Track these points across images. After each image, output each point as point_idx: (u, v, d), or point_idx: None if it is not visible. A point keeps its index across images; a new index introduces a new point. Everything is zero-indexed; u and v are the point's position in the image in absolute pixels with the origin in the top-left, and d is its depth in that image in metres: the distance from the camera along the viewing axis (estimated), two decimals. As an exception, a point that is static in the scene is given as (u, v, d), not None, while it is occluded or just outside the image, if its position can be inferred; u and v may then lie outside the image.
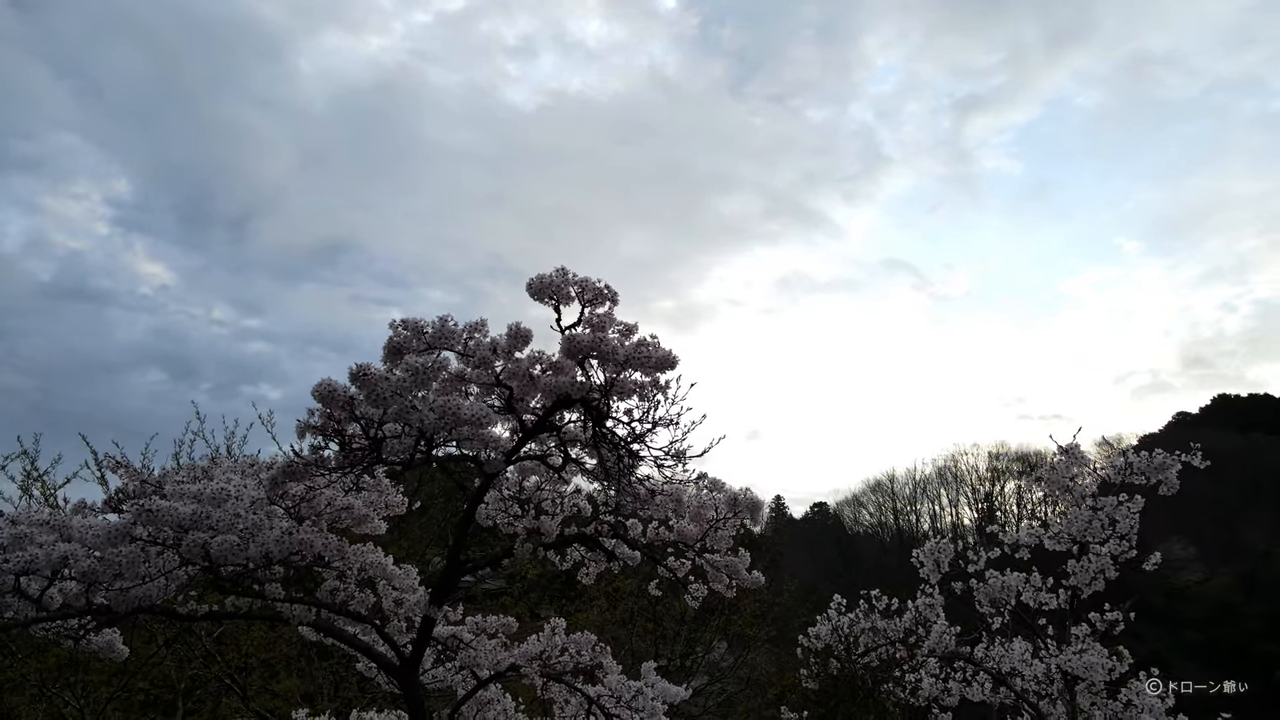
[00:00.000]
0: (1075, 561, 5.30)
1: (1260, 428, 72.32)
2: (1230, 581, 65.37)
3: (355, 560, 4.09)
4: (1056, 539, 5.30)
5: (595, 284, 3.53)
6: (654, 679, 6.16)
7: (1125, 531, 5.22)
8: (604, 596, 13.74)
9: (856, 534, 75.09)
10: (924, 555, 5.45)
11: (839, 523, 75.79)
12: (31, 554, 3.70)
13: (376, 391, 3.14)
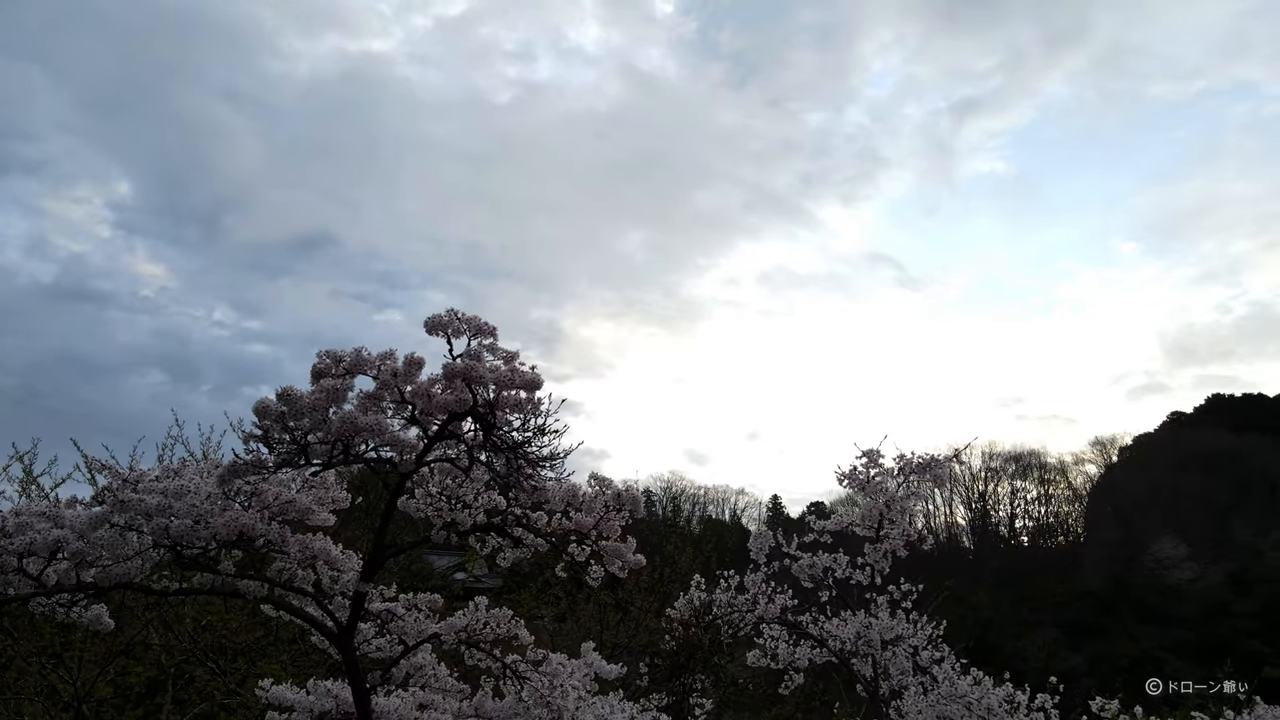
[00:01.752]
0: (871, 546, 6.23)
1: (1253, 427, 73.09)
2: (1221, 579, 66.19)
3: (295, 544, 4.98)
4: (862, 525, 6.23)
5: (477, 321, 4.44)
6: (592, 657, 7.11)
7: (906, 523, 6.14)
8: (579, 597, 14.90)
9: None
10: (752, 543, 6.41)
11: (835, 522, 76.76)
12: (31, 538, 4.61)
13: (296, 408, 4.05)
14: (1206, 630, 57.92)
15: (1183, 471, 70.78)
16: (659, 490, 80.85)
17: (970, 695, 5.16)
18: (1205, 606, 61.77)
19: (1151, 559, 68.31)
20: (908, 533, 6.23)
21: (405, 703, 6.19)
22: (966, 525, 77.60)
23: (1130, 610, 62.54)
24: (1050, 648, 57.92)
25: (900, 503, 6.13)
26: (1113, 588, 65.32)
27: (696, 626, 7.05)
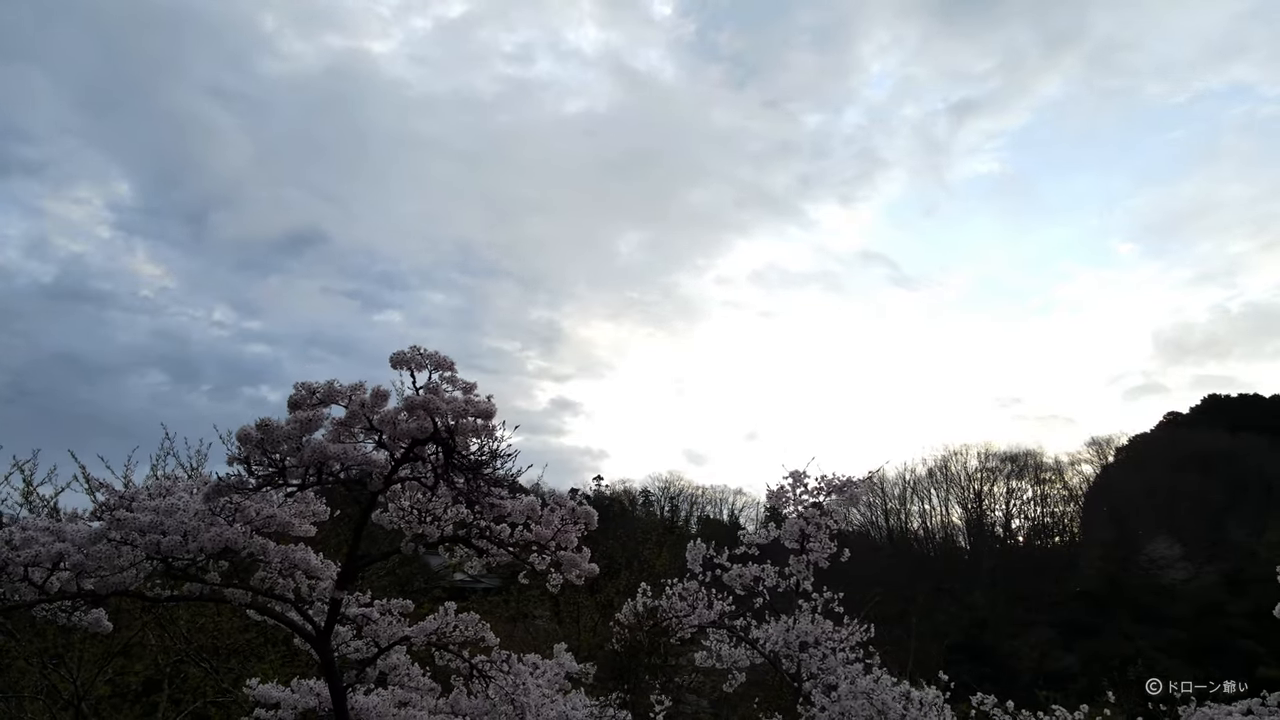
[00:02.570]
0: (794, 558, 6.73)
1: (1249, 428, 73.39)
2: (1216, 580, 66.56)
3: (275, 555, 5.49)
4: (786, 538, 6.75)
5: (437, 356, 4.95)
6: (565, 658, 7.63)
7: (821, 540, 6.67)
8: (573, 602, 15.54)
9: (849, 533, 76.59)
10: (689, 553, 6.93)
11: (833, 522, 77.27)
12: (36, 551, 5.11)
13: (273, 437, 4.55)
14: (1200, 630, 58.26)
15: (1178, 471, 71.11)
16: (657, 490, 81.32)
17: (871, 691, 5.70)
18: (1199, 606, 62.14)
19: (1146, 559, 68.67)
20: (827, 547, 6.74)
21: (384, 700, 6.71)
22: (962, 525, 77.91)
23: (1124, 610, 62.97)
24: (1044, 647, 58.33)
25: (819, 519, 6.66)
26: (1107, 587, 65.72)
27: (640, 630, 7.58)
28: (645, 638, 8.01)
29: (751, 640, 6.80)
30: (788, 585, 6.86)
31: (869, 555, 70.26)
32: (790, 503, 6.99)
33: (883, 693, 5.73)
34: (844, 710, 5.67)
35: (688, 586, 7.05)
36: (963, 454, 72.20)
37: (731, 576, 6.93)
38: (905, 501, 75.39)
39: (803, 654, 6.58)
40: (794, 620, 6.68)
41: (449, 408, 4.79)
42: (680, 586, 7.03)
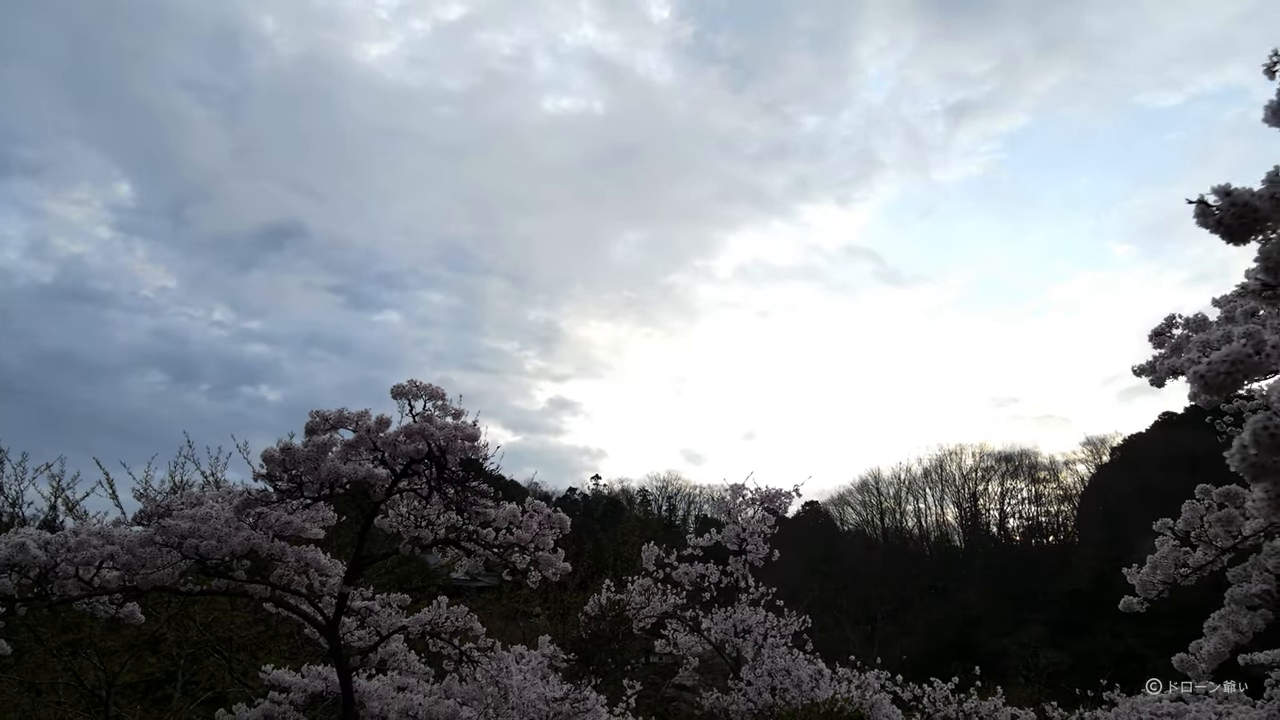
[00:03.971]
0: (734, 556, 7.66)
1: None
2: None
3: (292, 555, 6.40)
4: (726, 541, 7.68)
5: (431, 387, 5.87)
6: (549, 649, 8.55)
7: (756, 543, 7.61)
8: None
9: (846, 533, 77.25)
10: (644, 554, 7.87)
11: (830, 522, 78.08)
12: (90, 553, 6.02)
13: (293, 458, 5.47)
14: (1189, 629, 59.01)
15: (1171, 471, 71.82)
16: (655, 490, 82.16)
17: (789, 668, 6.65)
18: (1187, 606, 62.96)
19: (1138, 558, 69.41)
20: (761, 550, 7.68)
21: (385, 684, 7.63)
22: (957, 524, 78.57)
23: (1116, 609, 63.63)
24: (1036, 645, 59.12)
25: (754, 525, 7.62)
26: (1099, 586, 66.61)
27: (604, 620, 8.51)
28: (608, 627, 8.97)
29: (700, 629, 7.77)
30: (729, 581, 7.81)
31: (864, 554, 71.04)
32: (731, 511, 7.94)
33: (799, 669, 6.71)
34: (768, 685, 6.62)
35: (642, 583, 8.01)
36: (958, 454, 73.05)
37: (680, 574, 7.89)
38: (901, 501, 76.15)
39: (739, 639, 7.55)
40: (733, 610, 7.65)
41: (441, 433, 5.71)
42: (638, 583, 8.00)
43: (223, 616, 12.01)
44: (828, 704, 6.24)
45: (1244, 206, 2.04)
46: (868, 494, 74.81)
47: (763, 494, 7.90)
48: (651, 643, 8.35)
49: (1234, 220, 2.06)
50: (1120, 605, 5.64)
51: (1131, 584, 5.54)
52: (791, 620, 7.75)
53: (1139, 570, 5.46)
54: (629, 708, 8.19)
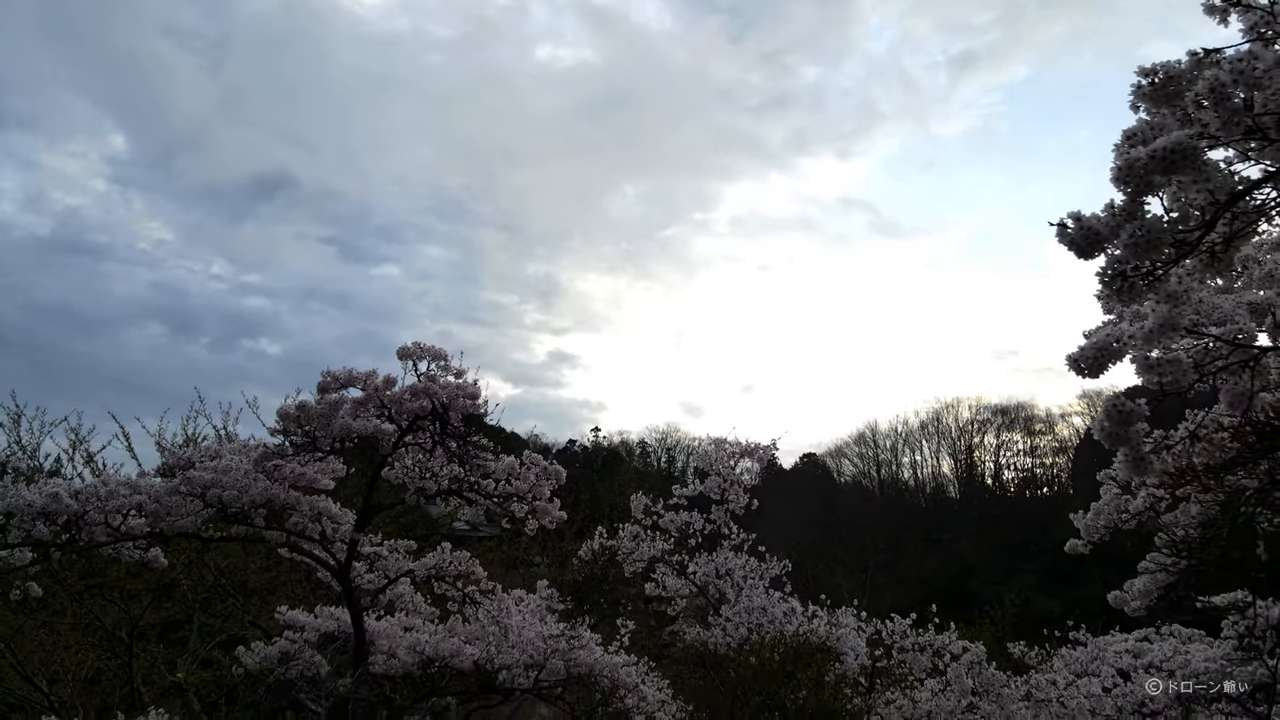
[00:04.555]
0: (717, 505, 8.19)
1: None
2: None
3: (306, 504, 6.90)
4: (709, 492, 8.20)
5: (434, 349, 6.31)
6: (546, 592, 9.07)
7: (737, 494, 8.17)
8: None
9: (843, 484, 78.19)
10: (633, 503, 8.40)
11: (827, 473, 78.98)
12: (119, 502, 6.51)
13: (307, 415, 5.94)
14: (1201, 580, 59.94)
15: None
16: (654, 442, 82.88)
17: (765, 606, 7.21)
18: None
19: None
20: (741, 500, 8.23)
21: (393, 624, 8.18)
22: (953, 476, 79.40)
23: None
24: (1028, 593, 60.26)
25: (733, 476, 8.16)
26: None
27: (597, 564, 9.07)
28: (601, 570, 9.52)
29: (686, 572, 8.34)
30: (712, 529, 8.37)
31: (861, 505, 71.97)
32: (715, 463, 8.48)
33: (774, 607, 7.28)
34: (745, 622, 7.19)
35: (631, 529, 8.57)
36: (955, 406, 73.46)
37: (667, 522, 8.45)
38: (898, 453, 76.81)
39: (721, 581, 8.11)
40: (715, 556, 8.22)
41: (445, 391, 6.17)
42: (628, 529, 8.56)
43: (236, 562, 12.57)
44: (795, 636, 6.80)
45: (1089, 229, 2.45)
46: (865, 446, 75.37)
47: (744, 448, 8.42)
48: (642, 586, 8.91)
49: (1082, 240, 2.47)
50: (1066, 548, 6.13)
51: (1078, 528, 6.02)
52: (771, 565, 8.31)
53: (1084, 515, 5.94)
54: (622, 646, 8.75)
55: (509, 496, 7.43)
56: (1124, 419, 3.27)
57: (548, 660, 7.92)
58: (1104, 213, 2.43)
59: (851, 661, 7.13)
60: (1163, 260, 2.40)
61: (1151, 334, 2.88)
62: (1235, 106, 2.13)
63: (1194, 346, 3.31)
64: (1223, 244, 2.37)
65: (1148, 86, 2.45)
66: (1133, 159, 2.26)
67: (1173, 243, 2.35)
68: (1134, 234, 2.37)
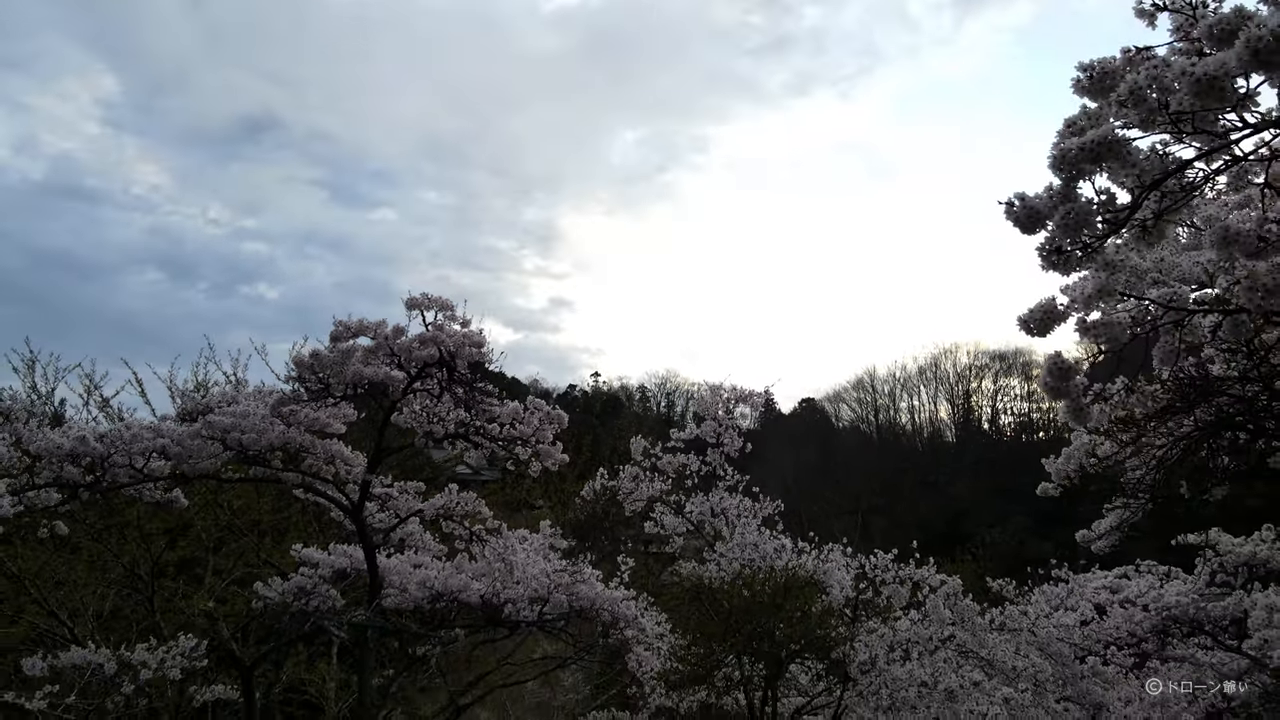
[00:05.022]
0: (712, 448, 8.57)
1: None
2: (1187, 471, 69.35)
3: (321, 447, 7.24)
4: (705, 435, 8.58)
5: (441, 299, 6.60)
6: (549, 532, 9.45)
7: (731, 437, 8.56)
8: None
9: (841, 429, 78.92)
10: (632, 445, 8.80)
11: (825, 419, 79.70)
12: (143, 444, 6.86)
13: (321, 364, 6.25)
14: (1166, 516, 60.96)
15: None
16: (654, 387, 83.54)
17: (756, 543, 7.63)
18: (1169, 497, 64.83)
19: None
20: (735, 443, 8.61)
21: (403, 562, 8.59)
22: (950, 421, 79.99)
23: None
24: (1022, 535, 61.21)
25: (728, 421, 8.53)
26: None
27: (598, 504, 9.48)
28: (602, 509, 9.94)
29: (683, 511, 8.76)
30: (708, 470, 8.77)
31: (858, 450, 72.73)
32: (711, 408, 8.87)
33: (765, 544, 7.70)
34: (738, 557, 7.63)
35: (631, 471, 8.98)
36: (953, 352, 73.85)
37: (665, 463, 8.86)
38: (895, 398, 77.35)
39: (716, 519, 8.54)
40: (709, 495, 8.63)
41: (451, 340, 6.47)
42: (628, 470, 8.97)
43: (249, 503, 13.01)
44: (784, 570, 7.21)
45: (1031, 209, 2.75)
46: (863, 391, 75.95)
47: (739, 394, 8.79)
48: (642, 526, 9.32)
49: (1025, 218, 2.77)
50: (1038, 490, 6.45)
51: (1050, 472, 6.35)
52: (764, 505, 8.71)
53: (1054, 460, 6.27)
54: (622, 582, 9.18)
55: (513, 440, 7.76)
56: (1063, 374, 3.62)
57: (551, 595, 8.34)
58: (1044, 194, 2.73)
59: (837, 594, 7.55)
60: (1097, 235, 2.70)
61: (1090, 299, 3.22)
62: (1151, 105, 2.42)
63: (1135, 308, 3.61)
64: (1154, 219, 2.66)
65: (1086, 80, 2.73)
66: (1065, 149, 2.56)
67: (1105, 219, 2.65)
68: (1065, 215, 2.69)
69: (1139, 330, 3.44)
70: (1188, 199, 2.68)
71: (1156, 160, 2.51)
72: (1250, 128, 2.52)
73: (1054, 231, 2.74)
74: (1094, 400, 4.16)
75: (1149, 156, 2.51)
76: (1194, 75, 2.29)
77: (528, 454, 7.82)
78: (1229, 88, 2.26)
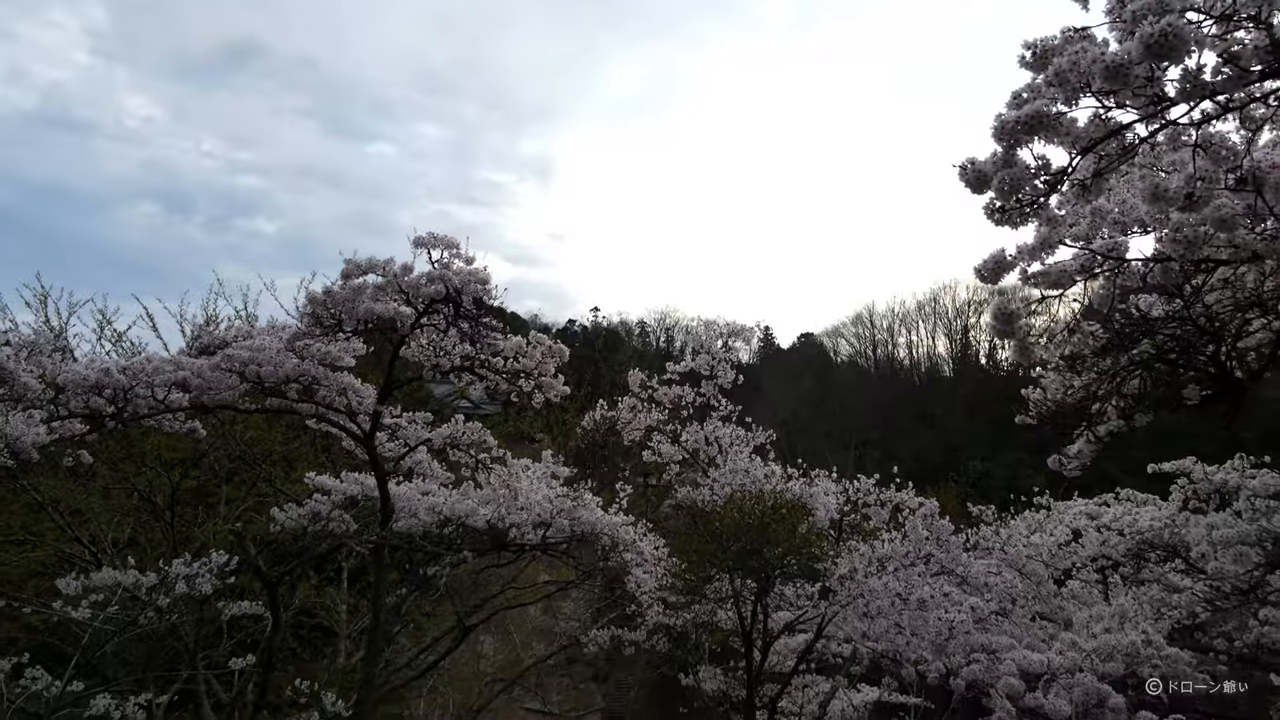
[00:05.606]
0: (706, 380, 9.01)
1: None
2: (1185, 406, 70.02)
3: (334, 380, 7.62)
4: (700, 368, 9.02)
5: (448, 238, 6.90)
6: (550, 462, 9.88)
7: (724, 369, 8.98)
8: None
9: (839, 364, 79.45)
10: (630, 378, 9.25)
11: (824, 353, 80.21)
12: (165, 376, 7.22)
13: (334, 300, 6.58)
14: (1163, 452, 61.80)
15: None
16: (653, 322, 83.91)
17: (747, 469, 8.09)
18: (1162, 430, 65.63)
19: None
20: (728, 375, 9.04)
21: (412, 489, 9.03)
22: (948, 355, 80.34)
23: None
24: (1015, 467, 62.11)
25: (721, 354, 8.95)
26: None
27: (598, 433, 9.93)
28: (602, 438, 10.41)
29: (679, 440, 9.22)
30: (703, 401, 9.20)
31: (856, 384, 73.31)
32: (706, 342, 9.29)
33: (756, 469, 8.16)
34: (729, 482, 8.10)
35: (629, 401, 9.42)
36: (952, 287, 74.02)
37: (661, 395, 9.29)
38: (894, 333, 77.68)
39: (710, 447, 9.01)
40: (703, 425, 9.08)
41: (458, 277, 6.79)
42: (626, 401, 9.41)
43: (260, 434, 13.46)
44: (773, 493, 7.65)
45: (980, 171, 3.09)
46: (861, 326, 76.29)
47: (732, 328, 9.18)
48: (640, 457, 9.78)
49: (974, 179, 3.10)
50: (1016, 420, 6.82)
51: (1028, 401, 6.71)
52: (756, 434, 9.16)
53: (1034, 391, 6.64)
54: (621, 508, 9.66)
55: (516, 373, 8.13)
56: (1008, 318, 4.02)
57: (554, 519, 8.81)
58: (989, 159, 3.06)
59: (822, 516, 8.00)
60: (1037, 195, 3.05)
61: (1034, 250, 3.60)
62: (1074, 85, 2.74)
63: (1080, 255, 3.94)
64: (1092, 178, 3.00)
65: (1030, 57, 3.04)
66: (1005, 120, 2.91)
67: (1044, 181, 2.99)
68: (1002, 180, 3.04)
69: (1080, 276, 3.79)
70: (1126, 159, 3.00)
71: (1098, 126, 2.84)
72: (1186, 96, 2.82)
73: (994, 193, 3.07)
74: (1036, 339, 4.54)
75: (1089, 123, 2.85)
76: (1104, 62, 2.63)
77: (530, 386, 8.19)
78: (1132, 73, 2.58)
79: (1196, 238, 3.06)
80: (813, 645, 8.74)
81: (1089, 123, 2.88)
